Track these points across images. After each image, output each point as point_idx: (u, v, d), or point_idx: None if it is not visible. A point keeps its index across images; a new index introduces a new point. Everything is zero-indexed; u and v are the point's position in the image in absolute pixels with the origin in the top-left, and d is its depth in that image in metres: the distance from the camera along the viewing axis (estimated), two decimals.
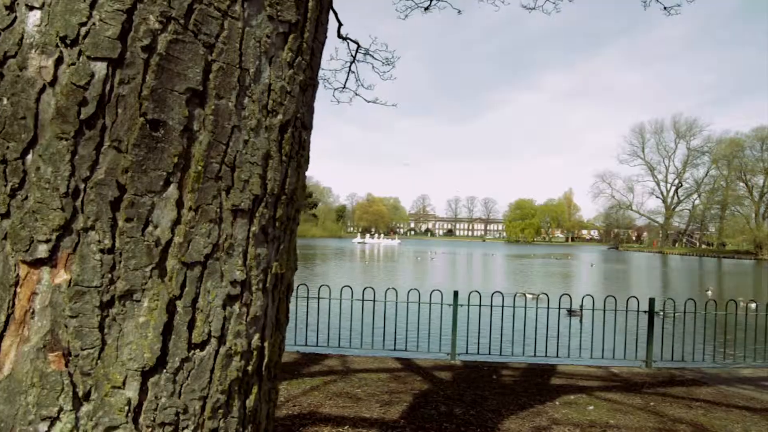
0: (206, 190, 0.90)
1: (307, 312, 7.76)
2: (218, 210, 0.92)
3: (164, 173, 0.87)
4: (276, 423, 4.59)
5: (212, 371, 0.91)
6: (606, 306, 7.78)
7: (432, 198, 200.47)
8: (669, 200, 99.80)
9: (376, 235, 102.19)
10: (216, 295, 0.92)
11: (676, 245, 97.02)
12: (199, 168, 0.89)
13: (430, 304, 7.54)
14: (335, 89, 9.37)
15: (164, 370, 0.87)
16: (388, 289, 7.82)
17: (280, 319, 1.07)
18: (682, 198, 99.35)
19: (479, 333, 7.63)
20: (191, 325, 0.89)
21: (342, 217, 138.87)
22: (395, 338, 7.46)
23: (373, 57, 8.83)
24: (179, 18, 0.86)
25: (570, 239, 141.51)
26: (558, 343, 7.61)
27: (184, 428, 0.88)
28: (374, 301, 7.68)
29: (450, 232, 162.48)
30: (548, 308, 7.62)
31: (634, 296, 7.95)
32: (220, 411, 0.92)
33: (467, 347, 7.70)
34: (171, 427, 0.87)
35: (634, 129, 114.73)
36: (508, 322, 8.27)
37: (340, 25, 8.18)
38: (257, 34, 0.93)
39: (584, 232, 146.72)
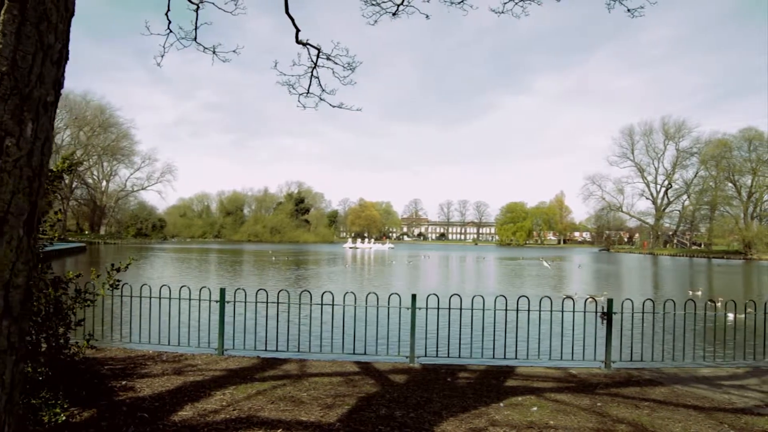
0: None
1: (267, 317, 7.77)
2: None
3: None
4: (210, 427, 4.58)
5: None
6: (564, 307, 7.82)
7: (424, 202, 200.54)
8: (659, 201, 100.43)
9: (368, 239, 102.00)
10: None
11: (667, 246, 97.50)
12: None
13: (388, 307, 7.55)
14: (300, 95, 9.36)
15: None
16: (347, 293, 7.83)
17: None
18: (671, 199, 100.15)
19: (437, 335, 7.64)
20: None
21: (334, 222, 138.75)
22: (354, 342, 7.46)
23: (334, 62, 8.84)
24: None
25: (562, 242, 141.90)
26: (516, 343, 7.63)
27: None
28: (333, 305, 7.69)
29: (443, 236, 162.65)
30: (506, 309, 7.61)
31: (592, 297, 7.98)
32: None
33: (426, 350, 7.71)
34: None
35: (623, 131, 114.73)
36: (481, 324, 8.28)
37: (298, 30, 8.21)
38: None
39: (576, 234, 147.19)
